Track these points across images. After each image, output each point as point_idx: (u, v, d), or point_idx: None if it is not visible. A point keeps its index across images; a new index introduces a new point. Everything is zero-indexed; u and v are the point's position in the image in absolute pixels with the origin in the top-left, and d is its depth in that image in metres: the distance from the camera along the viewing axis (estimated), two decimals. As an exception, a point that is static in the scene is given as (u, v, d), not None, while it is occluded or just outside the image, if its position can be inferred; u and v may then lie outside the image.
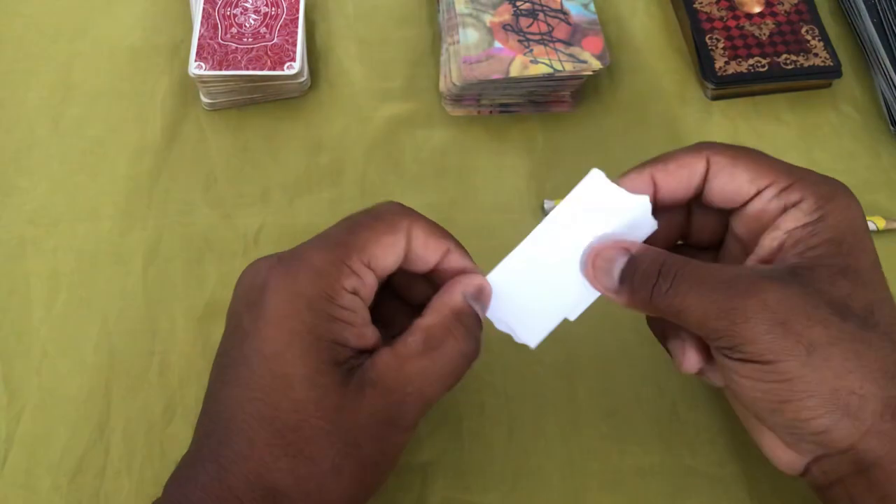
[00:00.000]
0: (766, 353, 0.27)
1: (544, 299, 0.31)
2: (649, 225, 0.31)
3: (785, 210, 0.30)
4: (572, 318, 0.31)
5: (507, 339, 0.41)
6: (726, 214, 0.32)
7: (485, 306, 0.31)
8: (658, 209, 0.32)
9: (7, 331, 0.41)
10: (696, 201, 0.33)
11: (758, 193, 0.30)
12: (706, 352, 0.31)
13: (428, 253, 0.31)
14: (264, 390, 0.27)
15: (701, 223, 0.34)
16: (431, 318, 0.30)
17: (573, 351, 0.41)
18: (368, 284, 0.29)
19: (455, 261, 0.31)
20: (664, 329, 0.33)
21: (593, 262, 0.31)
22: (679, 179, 0.31)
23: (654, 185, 0.31)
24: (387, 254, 0.30)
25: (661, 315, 0.30)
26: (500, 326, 0.32)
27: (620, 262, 0.30)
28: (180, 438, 0.38)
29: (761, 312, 0.27)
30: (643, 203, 0.31)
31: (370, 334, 0.29)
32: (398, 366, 0.28)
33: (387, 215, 0.30)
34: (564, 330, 0.41)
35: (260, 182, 0.46)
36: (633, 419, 0.39)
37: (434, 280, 0.32)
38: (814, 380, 0.27)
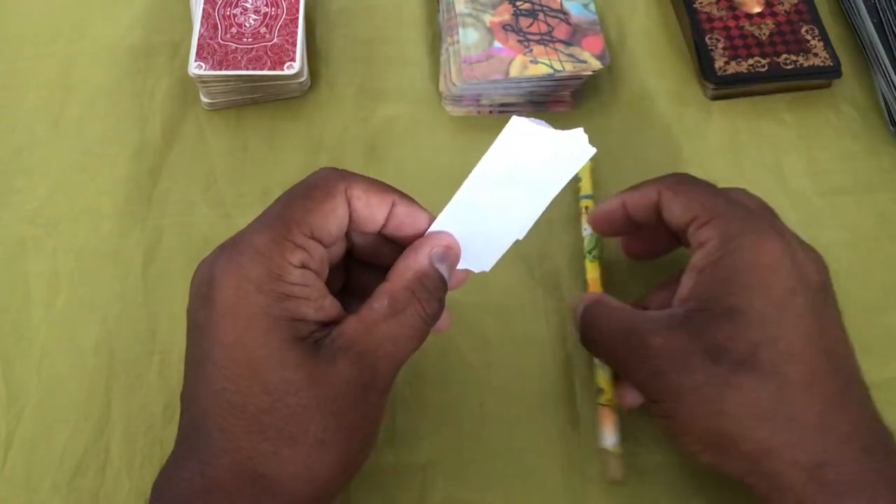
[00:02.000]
0: (651, 394, 0.32)
1: (491, 230, 0.32)
2: (588, 151, 0.31)
3: (698, 247, 0.32)
4: (521, 237, 0.33)
5: (507, 339, 0.41)
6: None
7: (452, 264, 0.31)
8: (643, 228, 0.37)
9: (7, 331, 0.41)
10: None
11: (686, 226, 0.33)
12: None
13: (373, 211, 0.30)
14: (231, 379, 0.27)
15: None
16: (395, 282, 0.30)
17: (573, 351, 0.41)
18: (317, 256, 0.29)
19: (404, 213, 0.31)
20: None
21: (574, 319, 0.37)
22: (640, 203, 0.35)
23: (624, 204, 0.36)
24: (328, 221, 0.29)
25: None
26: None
27: (579, 311, 0.36)
28: (180, 438, 0.38)
29: (646, 361, 0.31)
30: (578, 132, 0.31)
31: (329, 305, 0.29)
32: (366, 330, 0.29)
33: (321, 182, 0.30)
34: (564, 330, 0.41)
35: (260, 182, 0.46)
36: (633, 419, 0.39)
37: (392, 239, 0.32)
38: (686, 420, 0.31)
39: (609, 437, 0.36)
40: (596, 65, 0.46)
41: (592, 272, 0.41)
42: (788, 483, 0.28)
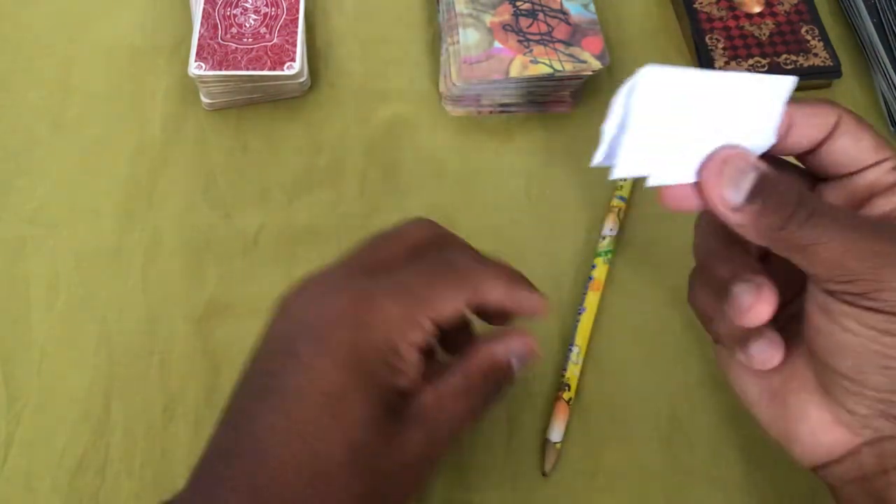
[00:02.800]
0: None
1: (676, 145, 0.27)
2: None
3: None
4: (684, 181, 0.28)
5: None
6: (809, 188, 0.31)
7: (526, 362, 0.32)
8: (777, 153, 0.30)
9: (7, 331, 0.41)
10: (784, 167, 0.31)
11: (875, 164, 0.29)
12: (776, 307, 0.28)
13: (492, 303, 0.31)
14: (319, 426, 0.27)
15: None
16: (473, 362, 0.30)
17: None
18: (429, 334, 0.30)
19: (524, 297, 0.32)
20: (732, 272, 0.30)
21: (719, 169, 0.27)
22: (811, 124, 0.29)
23: (790, 123, 0.29)
24: (454, 309, 0.30)
25: (781, 246, 0.27)
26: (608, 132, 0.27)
27: (751, 177, 0.27)
28: (180, 438, 0.38)
29: None
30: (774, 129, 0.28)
31: (419, 382, 0.29)
32: (440, 406, 0.29)
33: (462, 267, 0.30)
34: (564, 329, 0.41)
35: (260, 182, 0.46)
36: (632, 419, 0.39)
37: (490, 311, 0.32)
38: None
39: (558, 431, 0.38)
40: (596, 65, 0.46)
41: (601, 272, 0.41)
42: None
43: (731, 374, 0.32)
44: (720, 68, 0.48)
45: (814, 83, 0.49)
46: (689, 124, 0.27)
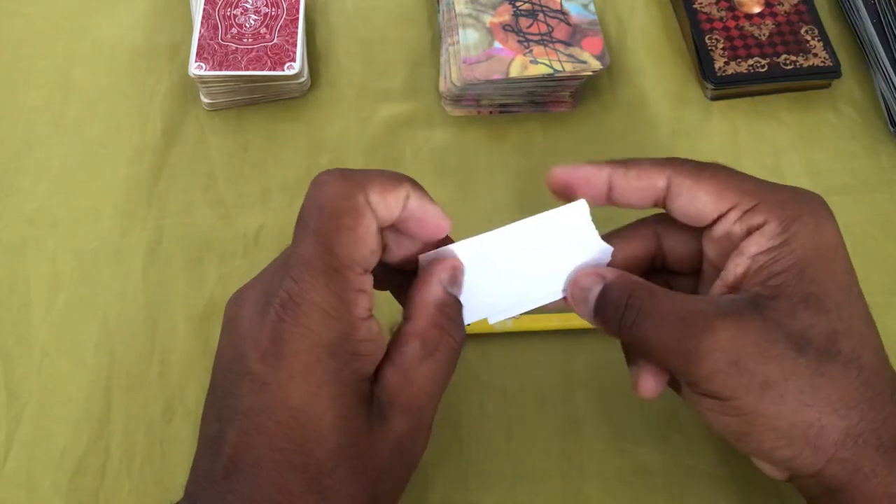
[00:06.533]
0: (722, 390, 0.27)
1: (507, 288, 0.31)
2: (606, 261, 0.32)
3: (749, 233, 0.29)
4: (514, 315, 0.32)
5: (507, 340, 0.41)
6: (698, 236, 0.32)
7: (460, 286, 0.31)
8: (637, 225, 0.33)
9: (7, 331, 0.41)
10: (666, 227, 0.32)
11: (722, 215, 0.30)
12: (664, 377, 0.31)
13: (390, 209, 0.29)
14: (295, 441, 0.26)
15: (672, 245, 0.33)
16: (420, 321, 0.29)
17: (572, 351, 0.41)
18: (370, 290, 0.28)
19: (416, 206, 0.29)
20: (627, 353, 0.33)
21: (571, 291, 0.31)
22: (636, 189, 0.31)
23: (610, 186, 0.31)
24: (367, 245, 0.28)
25: (629, 345, 0.31)
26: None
27: (595, 291, 0.30)
28: (180, 438, 0.38)
29: (714, 352, 0.27)
30: (605, 249, 0.31)
31: (383, 353, 0.29)
32: (407, 380, 0.28)
33: (343, 203, 0.28)
34: (564, 329, 0.41)
35: (260, 182, 0.46)
36: (632, 419, 0.39)
37: (399, 230, 0.30)
38: (771, 415, 0.27)
39: None
40: (596, 65, 0.46)
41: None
42: (871, 466, 0.27)
43: None
44: (720, 69, 0.48)
45: (813, 83, 0.49)
46: (510, 269, 0.31)
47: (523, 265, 0.31)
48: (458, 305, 0.30)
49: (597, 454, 0.38)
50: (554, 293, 0.32)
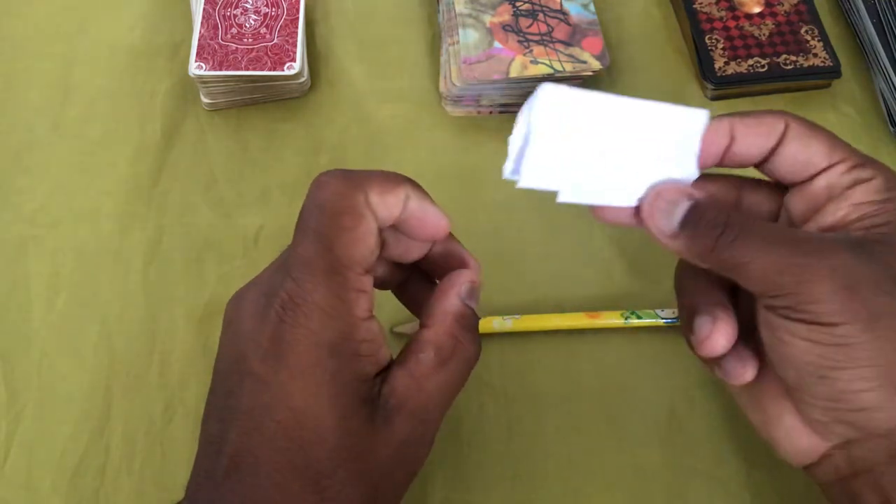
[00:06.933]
0: (830, 314, 0.26)
1: (589, 166, 0.28)
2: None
3: (854, 185, 0.29)
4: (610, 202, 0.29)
5: (507, 340, 0.41)
6: (777, 200, 0.32)
7: (477, 299, 0.31)
8: (718, 177, 0.31)
9: (7, 331, 0.41)
10: (748, 185, 0.32)
11: (829, 167, 0.29)
12: (735, 335, 0.30)
13: (389, 210, 0.29)
14: (296, 441, 0.26)
15: (751, 202, 0.33)
16: (437, 329, 0.29)
17: (572, 351, 0.41)
18: (370, 290, 0.29)
19: (415, 208, 0.29)
20: (695, 304, 0.31)
21: (653, 202, 0.29)
22: (757, 135, 0.30)
23: (732, 136, 0.30)
24: (368, 245, 0.28)
25: (716, 267, 0.28)
26: (516, 141, 0.28)
27: (683, 207, 0.29)
28: (180, 438, 0.38)
29: (830, 273, 0.26)
30: (693, 174, 0.30)
31: (383, 355, 0.29)
32: (418, 387, 0.28)
33: (343, 203, 0.28)
34: (564, 329, 0.41)
35: (260, 182, 0.46)
36: (632, 419, 0.39)
37: (400, 230, 0.30)
38: (873, 349, 0.26)
39: None
40: (596, 65, 0.46)
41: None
42: None
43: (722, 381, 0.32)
44: (720, 69, 0.48)
45: (813, 83, 0.49)
46: (600, 146, 0.28)
47: (615, 149, 0.28)
48: (475, 318, 0.30)
49: (597, 454, 0.38)
50: (629, 197, 0.29)
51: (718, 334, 0.30)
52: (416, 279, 0.34)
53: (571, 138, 0.28)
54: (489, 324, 0.40)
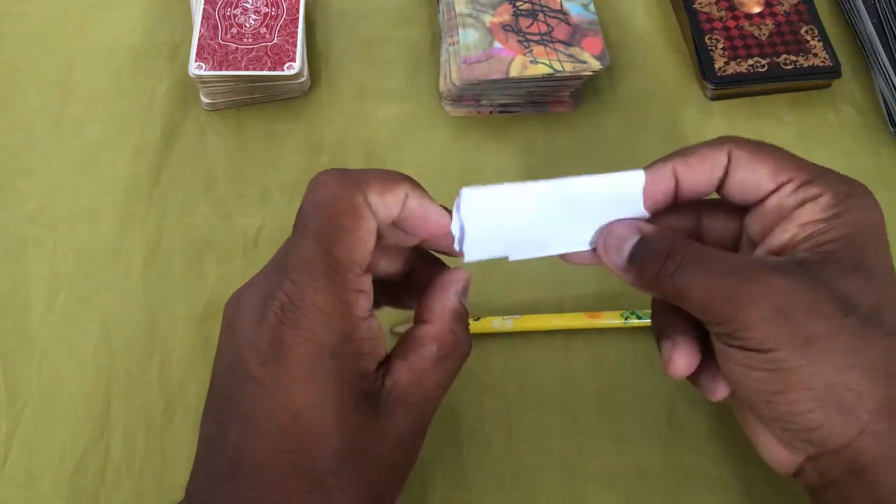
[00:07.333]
0: (764, 340, 0.27)
1: (534, 231, 0.31)
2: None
3: (802, 204, 0.29)
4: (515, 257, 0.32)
5: (507, 340, 0.41)
6: (738, 219, 0.32)
7: (468, 298, 0.31)
8: (676, 205, 0.32)
9: (7, 331, 0.41)
10: (707, 208, 0.33)
11: (777, 188, 0.30)
12: (696, 358, 0.31)
13: (389, 209, 0.29)
14: (299, 443, 0.26)
15: (712, 225, 0.33)
16: (438, 325, 0.30)
17: (572, 351, 0.41)
18: (369, 289, 0.29)
19: (415, 206, 0.30)
20: (661, 328, 0.32)
21: (605, 239, 0.31)
22: (701, 172, 0.31)
23: (676, 178, 0.31)
24: (367, 245, 0.28)
25: (665, 297, 0.30)
26: (456, 229, 0.31)
27: (632, 241, 0.30)
28: (180, 438, 0.38)
29: (762, 300, 0.27)
30: (644, 215, 0.31)
31: (383, 350, 0.29)
32: (418, 380, 0.28)
33: (343, 204, 0.28)
34: (564, 329, 0.41)
35: (260, 182, 0.46)
36: (632, 419, 0.39)
37: (400, 227, 0.31)
38: (809, 372, 0.27)
39: None
40: (596, 65, 0.46)
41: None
42: None
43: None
44: (720, 69, 0.48)
45: (813, 83, 0.49)
46: (533, 220, 0.31)
47: (557, 213, 0.31)
48: (467, 316, 0.31)
49: (596, 454, 0.38)
50: (581, 243, 0.32)
51: (678, 356, 0.31)
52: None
53: (501, 222, 0.31)
54: (489, 324, 0.40)
